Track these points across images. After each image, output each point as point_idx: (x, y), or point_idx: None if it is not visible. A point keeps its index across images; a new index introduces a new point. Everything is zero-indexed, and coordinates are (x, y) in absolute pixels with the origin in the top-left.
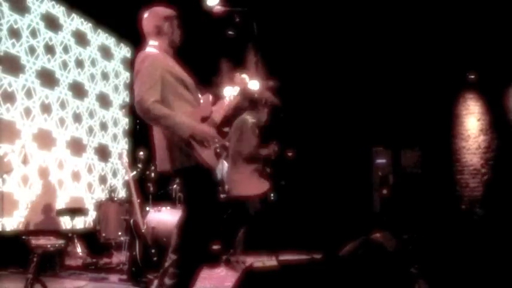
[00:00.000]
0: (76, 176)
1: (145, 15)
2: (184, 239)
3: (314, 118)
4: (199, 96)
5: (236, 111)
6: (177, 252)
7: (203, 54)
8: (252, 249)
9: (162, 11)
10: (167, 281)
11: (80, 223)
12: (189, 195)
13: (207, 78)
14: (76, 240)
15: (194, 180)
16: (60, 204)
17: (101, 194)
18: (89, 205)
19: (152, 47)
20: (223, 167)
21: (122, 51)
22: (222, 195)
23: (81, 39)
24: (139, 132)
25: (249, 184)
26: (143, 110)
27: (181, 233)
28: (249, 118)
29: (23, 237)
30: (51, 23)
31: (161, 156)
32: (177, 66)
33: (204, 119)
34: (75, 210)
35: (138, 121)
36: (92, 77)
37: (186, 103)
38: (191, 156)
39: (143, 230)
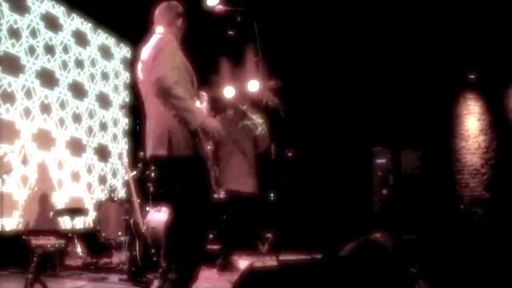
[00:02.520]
0: (76, 176)
1: (163, 5)
2: (181, 237)
3: (314, 118)
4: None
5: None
6: (171, 254)
7: (202, 53)
8: (251, 249)
9: (179, 7)
10: (169, 279)
11: (80, 223)
12: (181, 185)
13: (206, 77)
14: (76, 240)
15: (190, 170)
16: (60, 204)
17: (100, 194)
18: (89, 205)
19: (168, 34)
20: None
21: (122, 51)
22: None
23: (81, 39)
24: (139, 132)
25: (238, 179)
26: (164, 87)
27: (176, 232)
28: (231, 112)
29: (23, 237)
30: (51, 23)
31: (157, 139)
32: (187, 61)
33: None
34: (75, 210)
35: (138, 121)
36: (92, 77)
37: (191, 99)
38: (191, 146)
39: (143, 230)
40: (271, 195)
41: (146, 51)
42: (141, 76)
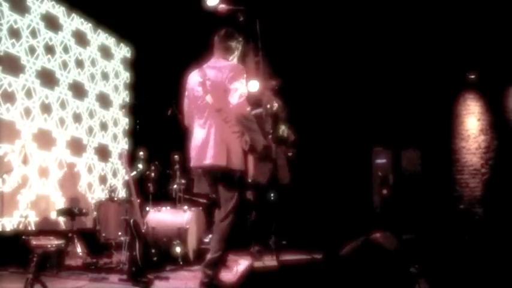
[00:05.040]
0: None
1: (219, 34)
2: (234, 222)
3: (314, 118)
4: None
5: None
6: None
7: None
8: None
9: (235, 34)
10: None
11: (80, 223)
12: (233, 191)
13: None
14: (76, 240)
15: (238, 180)
16: (60, 204)
17: (101, 194)
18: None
19: (239, 64)
20: None
21: (122, 51)
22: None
23: (81, 39)
24: (140, 132)
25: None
26: (245, 112)
27: (232, 217)
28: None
29: (23, 237)
30: (51, 23)
31: (220, 151)
32: None
33: None
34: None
35: (138, 121)
36: (92, 77)
37: None
38: (242, 161)
39: (143, 230)
40: (271, 194)
41: (214, 72)
42: (199, 89)
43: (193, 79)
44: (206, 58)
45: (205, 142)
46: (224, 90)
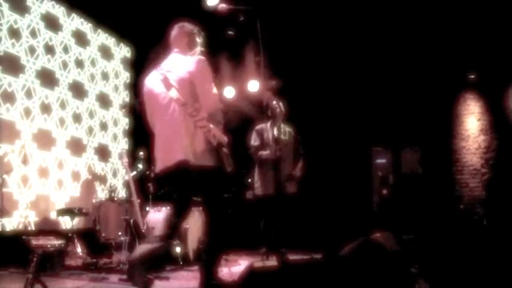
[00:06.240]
0: (76, 176)
1: (178, 30)
2: (217, 221)
3: (314, 118)
4: None
5: None
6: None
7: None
8: (252, 249)
9: (193, 27)
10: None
11: (80, 223)
12: (210, 189)
13: None
14: (76, 240)
15: (214, 177)
16: (60, 204)
17: (101, 194)
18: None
19: (204, 58)
20: None
21: (122, 51)
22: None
23: (81, 39)
24: (140, 132)
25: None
26: (219, 108)
27: (216, 218)
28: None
29: (23, 237)
30: (51, 23)
31: (188, 147)
32: None
33: None
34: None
35: (137, 121)
36: (92, 77)
37: None
38: (215, 157)
39: (143, 230)
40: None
41: (177, 66)
42: (160, 86)
43: (152, 80)
44: (162, 56)
45: (172, 139)
46: (190, 82)
